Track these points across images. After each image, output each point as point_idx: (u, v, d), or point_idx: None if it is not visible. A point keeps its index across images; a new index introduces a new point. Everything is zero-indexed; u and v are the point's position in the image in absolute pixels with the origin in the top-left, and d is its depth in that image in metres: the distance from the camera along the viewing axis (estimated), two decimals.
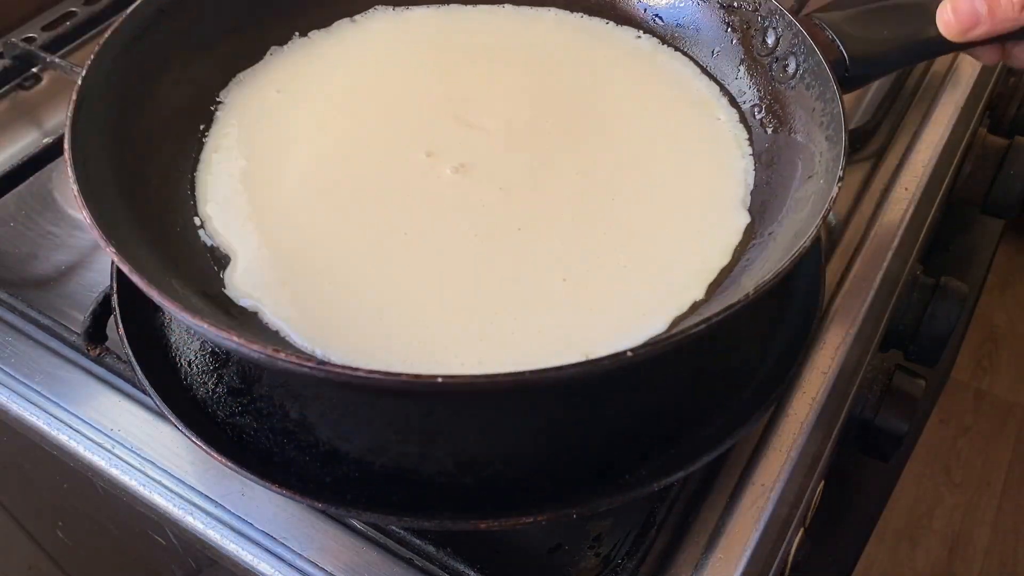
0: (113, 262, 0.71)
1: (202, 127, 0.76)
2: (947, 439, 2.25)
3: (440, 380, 0.49)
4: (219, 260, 0.68)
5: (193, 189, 0.72)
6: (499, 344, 0.62)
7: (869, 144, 0.98)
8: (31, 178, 0.92)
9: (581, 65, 0.82)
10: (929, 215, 0.93)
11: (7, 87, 1.04)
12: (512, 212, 0.70)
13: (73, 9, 1.13)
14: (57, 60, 1.02)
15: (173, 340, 0.70)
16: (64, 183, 0.95)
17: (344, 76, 0.81)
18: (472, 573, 0.63)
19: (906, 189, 0.92)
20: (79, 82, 0.67)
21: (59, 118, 1.04)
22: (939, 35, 0.72)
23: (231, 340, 0.51)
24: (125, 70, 0.71)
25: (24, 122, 1.04)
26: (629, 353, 0.50)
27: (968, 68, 1.07)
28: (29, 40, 1.06)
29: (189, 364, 0.68)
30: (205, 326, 0.51)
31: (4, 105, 1.04)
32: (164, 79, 0.74)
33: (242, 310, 0.64)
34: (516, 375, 0.49)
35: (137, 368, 0.66)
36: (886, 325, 0.85)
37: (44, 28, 1.10)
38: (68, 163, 0.61)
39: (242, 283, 0.65)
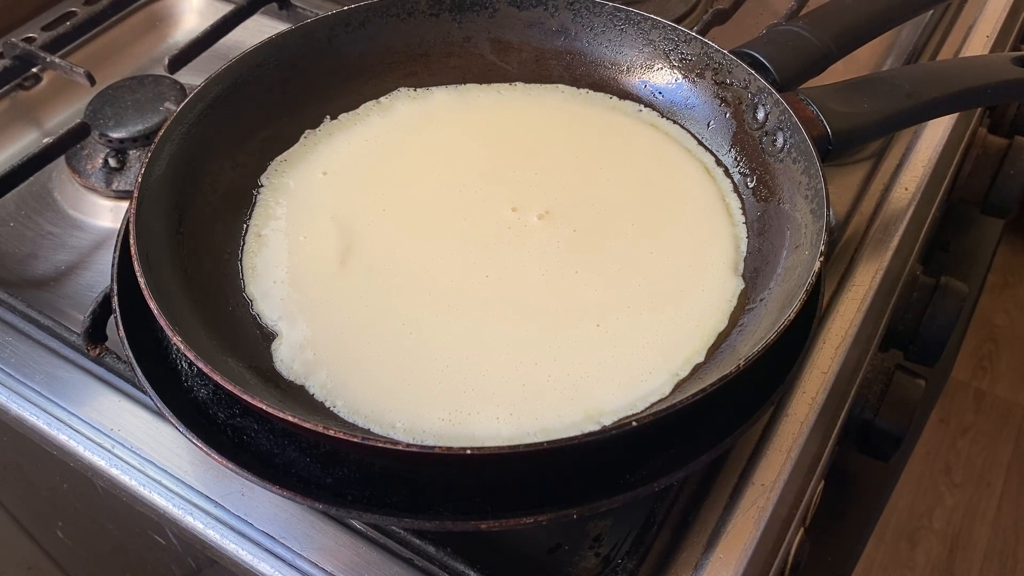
0: (113, 262, 0.71)
1: (246, 210, 0.80)
2: (947, 439, 2.25)
3: (469, 452, 0.56)
4: (267, 337, 0.71)
5: (242, 270, 0.76)
6: (534, 392, 0.67)
7: (869, 144, 0.98)
8: (31, 178, 0.92)
9: (592, 137, 0.87)
10: (929, 215, 0.93)
11: (7, 87, 1.04)
12: (575, 255, 0.76)
13: (73, 9, 1.13)
14: (57, 60, 1.02)
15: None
16: (64, 183, 0.95)
17: (386, 154, 0.85)
18: (472, 573, 0.63)
19: (906, 189, 0.92)
20: (139, 179, 0.72)
21: (59, 118, 1.04)
22: (913, 105, 0.78)
23: (286, 419, 0.57)
24: (178, 163, 0.76)
25: (24, 122, 1.04)
26: (634, 423, 0.58)
27: None
28: (29, 40, 1.06)
29: (190, 365, 0.68)
30: (263, 407, 0.57)
31: (4, 105, 1.04)
32: (211, 168, 0.79)
33: (290, 383, 0.68)
34: (535, 445, 0.56)
35: (137, 369, 0.66)
36: (886, 325, 0.85)
37: (44, 28, 1.10)
38: (135, 257, 0.65)
39: (287, 360, 0.70)
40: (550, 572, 0.67)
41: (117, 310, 0.69)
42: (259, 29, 1.08)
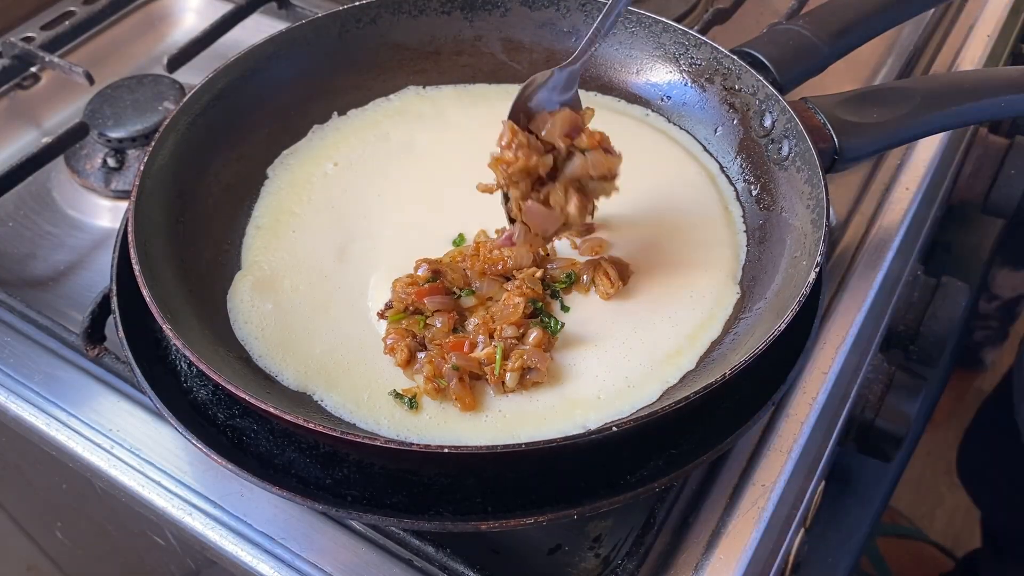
0: (113, 261, 0.71)
1: (250, 201, 0.81)
2: (948, 439, 2.25)
3: (446, 451, 0.57)
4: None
5: (241, 261, 0.76)
6: (524, 395, 0.67)
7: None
8: (29, 178, 0.91)
9: None
10: (930, 215, 0.93)
11: (6, 87, 1.04)
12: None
13: (72, 8, 1.13)
14: (56, 59, 1.02)
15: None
16: (63, 183, 0.95)
17: (394, 152, 0.85)
18: (471, 574, 0.63)
19: (907, 189, 0.92)
20: (141, 167, 0.72)
21: (58, 118, 1.04)
22: (924, 117, 0.77)
23: (268, 410, 0.57)
24: (182, 153, 0.77)
25: (23, 122, 1.04)
26: (615, 428, 0.58)
27: (970, 67, 1.07)
28: (28, 39, 1.06)
29: (189, 366, 0.68)
30: (245, 397, 0.58)
31: (2, 104, 1.04)
32: (217, 159, 0.80)
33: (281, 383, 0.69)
34: (513, 447, 0.57)
35: (136, 369, 0.66)
36: (887, 325, 0.85)
37: (43, 27, 1.10)
38: (132, 245, 0.66)
39: (263, 354, 0.70)
40: (550, 573, 0.67)
41: (116, 310, 0.69)
42: (258, 28, 1.08)
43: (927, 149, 0.95)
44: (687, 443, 0.64)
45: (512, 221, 0.71)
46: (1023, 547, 1.33)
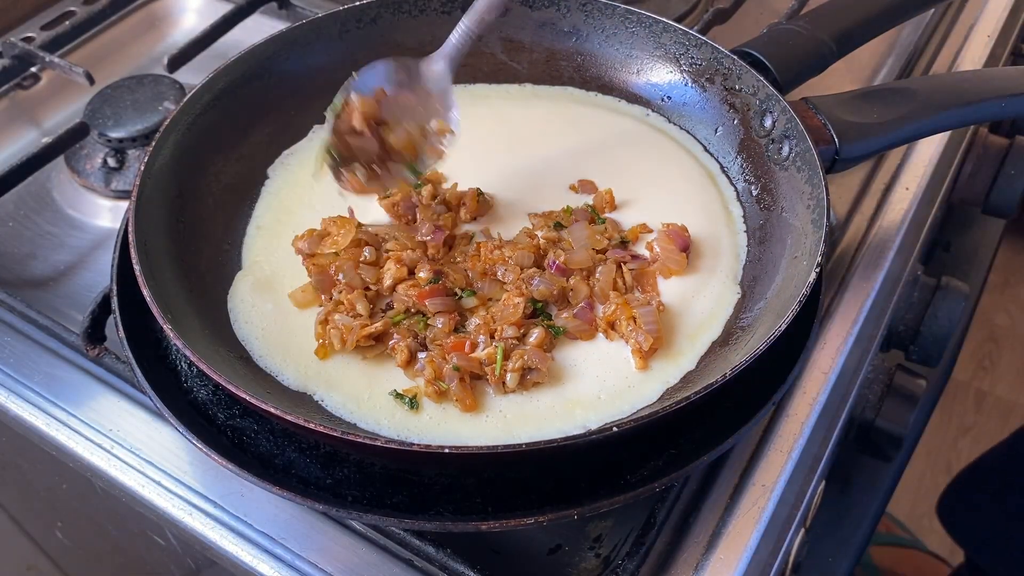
0: (113, 261, 0.71)
1: (250, 201, 0.81)
2: (948, 439, 2.25)
3: (447, 451, 0.57)
4: None
5: (241, 261, 0.76)
6: (525, 395, 0.68)
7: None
8: (30, 178, 0.91)
9: (598, 141, 0.86)
10: (930, 215, 0.93)
11: (6, 87, 1.04)
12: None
13: (72, 8, 1.13)
14: (56, 60, 1.02)
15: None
16: (63, 183, 0.95)
17: None
18: (472, 574, 0.63)
19: (907, 189, 0.92)
20: (141, 167, 0.72)
21: (58, 118, 1.04)
22: (925, 117, 0.77)
23: (268, 410, 0.58)
24: (182, 153, 0.77)
25: (23, 122, 1.04)
26: (615, 428, 0.58)
27: (970, 67, 1.06)
28: (28, 39, 1.06)
29: (190, 366, 0.68)
30: (246, 397, 0.58)
31: (3, 104, 1.04)
32: (217, 159, 0.80)
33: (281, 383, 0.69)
34: (514, 447, 0.57)
35: (137, 369, 0.66)
36: (887, 325, 0.85)
37: (43, 27, 1.10)
38: (132, 245, 0.66)
39: (264, 354, 0.70)
40: (550, 573, 0.67)
41: (116, 310, 0.69)
42: (258, 28, 1.08)
43: (927, 149, 0.95)
44: (687, 443, 0.64)
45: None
46: None
